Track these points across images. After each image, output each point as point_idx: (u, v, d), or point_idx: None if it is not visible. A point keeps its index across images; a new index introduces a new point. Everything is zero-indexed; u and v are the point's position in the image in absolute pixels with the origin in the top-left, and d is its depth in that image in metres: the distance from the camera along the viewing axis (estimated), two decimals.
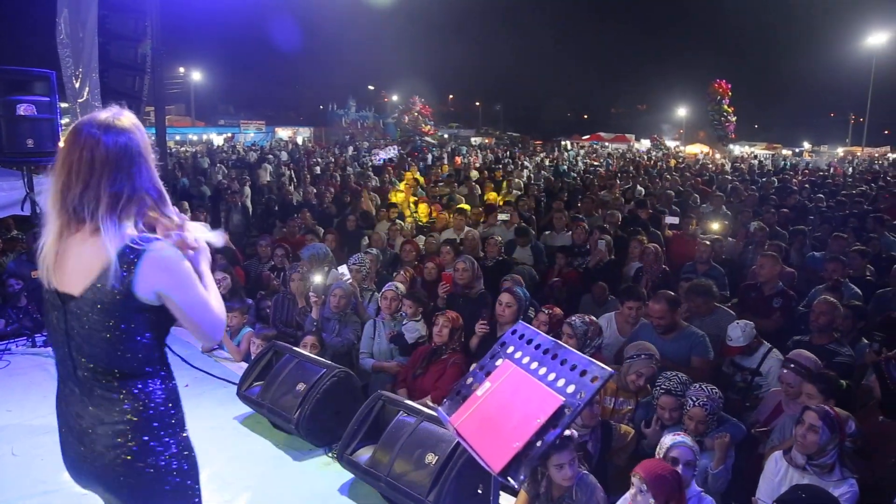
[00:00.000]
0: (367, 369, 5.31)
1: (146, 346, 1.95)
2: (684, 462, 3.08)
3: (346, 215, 10.24)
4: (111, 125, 1.91)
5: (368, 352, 5.36)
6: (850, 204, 12.26)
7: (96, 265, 1.84)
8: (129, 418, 1.94)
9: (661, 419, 3.95)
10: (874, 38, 42.14)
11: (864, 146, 49.77)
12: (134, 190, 1.91)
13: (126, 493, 1.97)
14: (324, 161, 24.06)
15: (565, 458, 2.92)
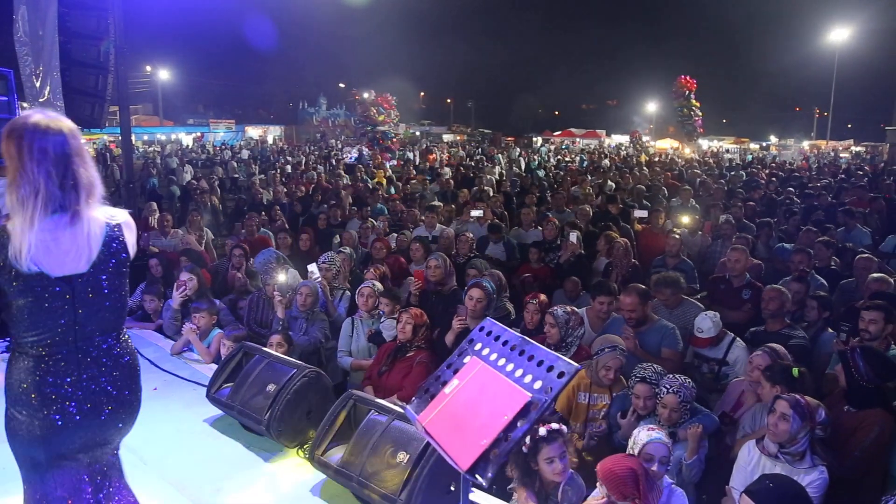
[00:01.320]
0: (345, 367, 5.28)
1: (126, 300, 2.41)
2: (658, 459, 3.10)
3: (317, 214, 10.16)
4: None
5: (347, 350, 5.34)
6: (816, 196, 12.50)
7: (95, 242, 2.21)
8: (129, 362, 2.40)
9: (636, 409, 4.00)
10: (836, 34, 42.96)
11: (828, 140, 50.80)
12: (92, 176, 2.25)
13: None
14: (294, 159, 23.85)
15: (555, 451, 2.93)
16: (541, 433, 2.91)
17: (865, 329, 4.55)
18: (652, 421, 3.89)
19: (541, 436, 2.92)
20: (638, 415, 3.96)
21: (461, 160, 24.83)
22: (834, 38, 43.21)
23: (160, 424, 4.16)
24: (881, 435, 3.76)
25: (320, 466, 3.53)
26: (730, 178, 17.71)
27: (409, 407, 2.14)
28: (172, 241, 8.53)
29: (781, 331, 4.99)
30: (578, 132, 56.53)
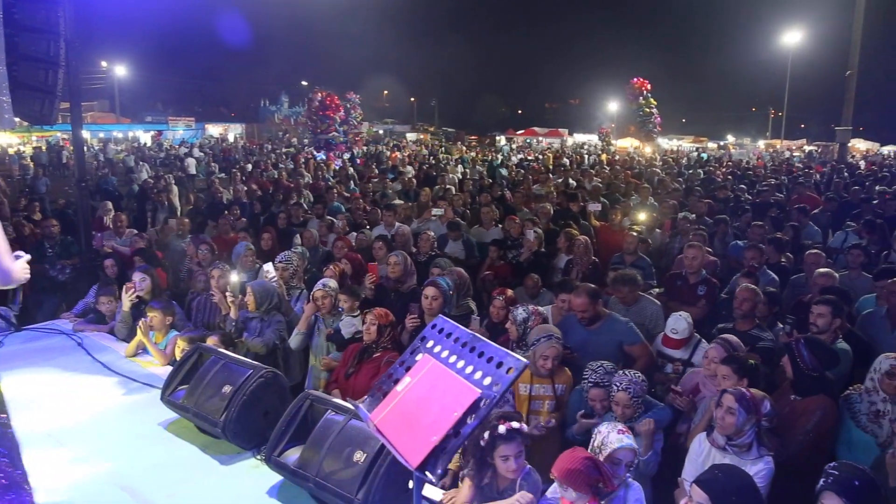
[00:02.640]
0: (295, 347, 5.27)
1: None
2: (626, 464, 3.15)
3: (277, 213, 10.06)
4: None
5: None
6: (769, 194, 12.82)
7: None
8: None
9: (595, 411, 4.06)
10: (789, 37, 44.10)
11: (782, 139, 52.17)
12: None
13: None
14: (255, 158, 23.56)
15: (512, 450, 2.94)
16: (500, 431, 2.92)
17: (814, 322, 4.69)
18: (611, 417, 3.97)
19: (499, 433, 2.93)
20: (599, 416, 4.03)
21: (424, 159, 24.80)
22: (787, 41, 44.36)
23: (112, 429, 4.08)
24: (823, 419, 3.90)
25: (277, 468, 3.49)
26: (688, 176, 18.05)
27: (362, 405, 2.13)
28: (127, 241, 8.36)
29: (751, 331, 5.06)
30: (541, 131, 56.99)
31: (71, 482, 3.46)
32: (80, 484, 3.45)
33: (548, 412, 4.25)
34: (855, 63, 25.73)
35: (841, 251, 8.00)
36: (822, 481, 2.68)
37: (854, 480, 2.61)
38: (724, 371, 3.91)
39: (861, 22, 25.21)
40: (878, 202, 11.18)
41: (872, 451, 3.79)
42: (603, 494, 2.79)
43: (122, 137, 43.10)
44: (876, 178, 18.04)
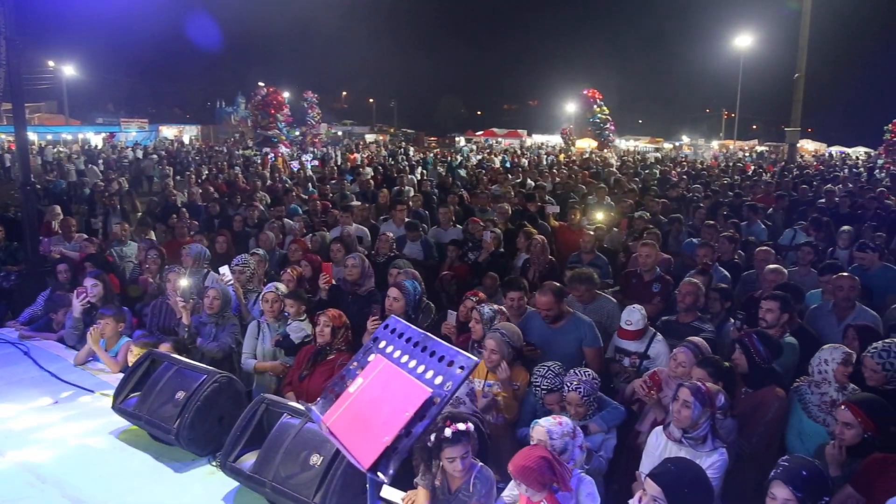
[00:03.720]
0: (248, 370, 5.16)
1: None
2: (553, 444, 3.14)
3: (233, 216, 9.90)
4: None
5: (251, 353, 5.22)
6: (722, 193, 13.13)
7: None
8: None
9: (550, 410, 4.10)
10: (741, 41, 45.26)
11: (735, 140, 53.49)
12: None
13: None
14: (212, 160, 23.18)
15: (457, 452, 2.93)
16: (446, 434, 2.91)
17: (763, 318, 4.82)
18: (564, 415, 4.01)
19: (445, 436, 2.92)
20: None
21: (384, 160, 24.72)
22: (739, 45, 45.51)
23: (61, 439, 3.97)
24: (780, 409, 4.05)
25: (232, 473, 3.43)
26: (644, 176, 18.36)
27: (315, 408, 2.11)
28: (77, 246, 8.13)
29: (692, 323, 5.20)
30: (500, 132, 57.35)
31: (18, 495, 3.35)
32: (28, 497, 3.34)
33: (499, 409, 4.27)
34: (802, 66, 26.52)
35: (790, 248, 8.23)
36: (773, 472, 2.76)
37: (802, 471, 2.70)
38: (699, 374, 3.95)
39: (808, 26, 26.03)
40: (824, 200, 11.54)
41: (823, 439, 3.90)
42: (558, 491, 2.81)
43: (72, 139, 41.84)
44: (824, 177, 18.65)
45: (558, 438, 3.12)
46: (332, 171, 17.80)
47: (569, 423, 3.08)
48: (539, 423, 3.06)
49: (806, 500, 2.63)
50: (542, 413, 4.21)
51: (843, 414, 3.44)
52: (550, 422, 3.05)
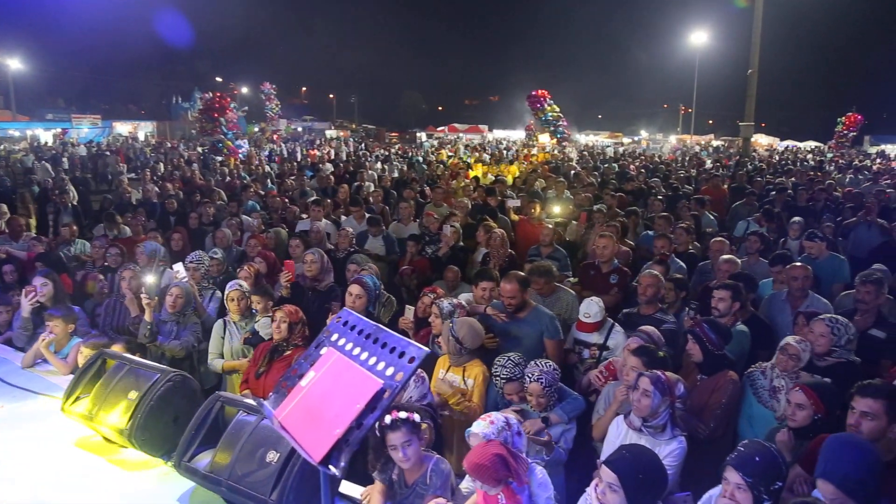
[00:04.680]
0: (216, 370, 5.08)
1: None
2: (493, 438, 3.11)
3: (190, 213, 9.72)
4: None
5: (218, 352, 5.15)
6: (680, 186, 13.37)
7: None
8: None
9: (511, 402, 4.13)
10: (696, 37, 46.09)
11: (692, 134, 54.52)
12: None
13: None
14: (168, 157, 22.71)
15: (398, 439, 2.92)
16: (385, 420, 2.92)
17: (715, 307, 4.92)
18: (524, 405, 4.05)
19: (384, 423, 2.92)
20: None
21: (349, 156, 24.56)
22: (694, 41, 46.33)
23: (9, 443, 3.85)
24: (734, 393, 4.18)
25: (187, 473, 3.37)
26: (603, 170, 18.59)
27: (267, 403, 2.09)
28: (25, 245, 7.89)
29: (654, 315, 5.27)
30: (462, 127, 57.39)
31: None
32: None
33: (456, 402, 4.28)
34: (755, 62, 27.10)
35: (743, 239, 8.42)
36: (729, 457, 2.82)
37: (755, 457, 2.75)
38: (633, 362, 4.04)
39: (760, 23, 26.60)
40: (775, 192, 11.86)
41: (771, 425, 4.04)
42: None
43: (20, 136, 40.44)
44: (776, 170, 19.14)
45: (496, 437, 3.12)
46: (292, 167, 17.59)
47: (499, 417, 3.06)
48: (472, 432, 3.04)
49: (757, 485, 2.68)
50: (503, 405, 4.24)
51: (797, 395, 3.55)
52: (482, 425, 3.02)
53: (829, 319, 4.36)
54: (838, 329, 4.29)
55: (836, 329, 4.28)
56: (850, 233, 8.97)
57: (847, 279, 6.46)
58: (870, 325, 5.11)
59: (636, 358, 4.04)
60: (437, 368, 4.44)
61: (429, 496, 2.92)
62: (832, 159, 29.57)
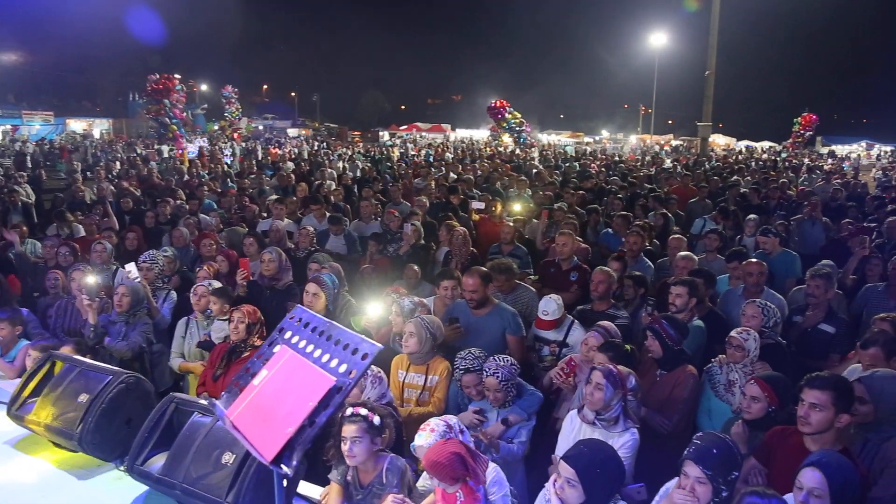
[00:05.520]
0: (174, 369, 5.00)
1: None
2: (441, 434, 3.09)
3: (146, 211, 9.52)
4: None
5: (179, 352, 5.06)
6: (639, 185, 13.56)
7: None
8: None
9: (469, 397, 4.12)
10: (655, 39, 46.87)
11: (652, 134, 55.43)
12: None
13: None
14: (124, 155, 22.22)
15: (349, 433, 2.92)
16: (346, 411, 2.92)
17: (673, 302, 5.00)
18: (482, 403, 4.06)
19: (343, 413, 2.92)
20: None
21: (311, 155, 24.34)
22: (654, 43, 47.10)
23: None
24: (694, 387, 4.27)
25: (140, 477, 3.28)
26: (565, 169, 18.77)
27: (219, 402, 2.04)
28: None
29: (607, 311, 5.35)
30: (424, 126, 57.38)
31: None
32: None
33: (416, 402, 4.26)
34: (712, 64, 27.67)
35: (700, 237, 8.58)
36: (686, 450, 2.86)
37: (713, 449, 2.80)
38: (601, 358, 4.07)
39: (717, 26, 27.16)
40: (728, 189, 12.14)
41: (728, 417, 4.12)
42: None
43: None
44: (732, 169, 19.56)
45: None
46: (251, 165, 17.35)
47: (438, 423, 3.06)
48: (417, 445, 3.02)
49: (716, 476, 2.73)
50: (463, 402, 4.24)
51: (752, 388, 3.64)
52: (424, 437, 3.02)
53: (760, 302, 4.75)
54: (767, 311, 4.67)
55: (765, 310, 4.67)
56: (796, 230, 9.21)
57: (799, 274, 6.63)
58: (820, 320, 5.25)
59: (603, 354, 4.07)
60: (393, 369, 4.38)
61: (385, 495, 2.90)
62: (786, 159, 30.34)
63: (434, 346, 4.36)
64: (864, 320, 5.71)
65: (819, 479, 2.57)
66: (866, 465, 3.31)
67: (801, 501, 2.59)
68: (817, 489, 2.56)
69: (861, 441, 3.44)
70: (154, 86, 22.55)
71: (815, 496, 2.56)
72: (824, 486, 2.55)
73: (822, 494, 2.55)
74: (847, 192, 13.49)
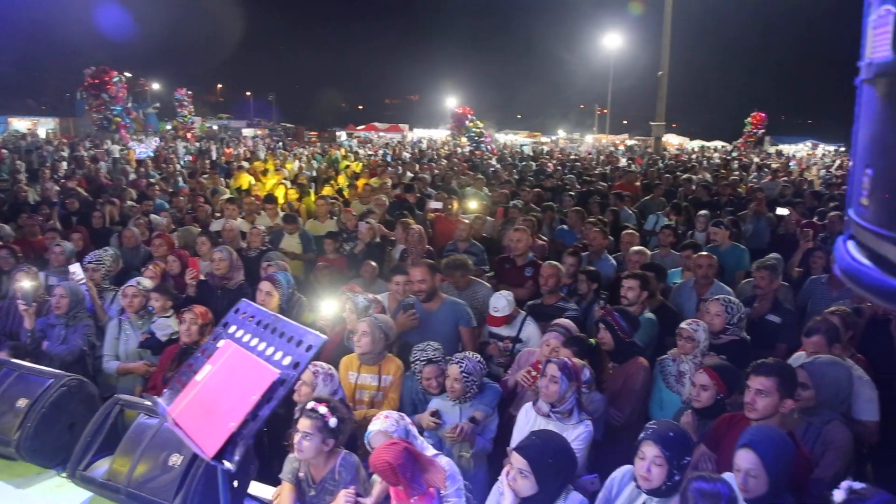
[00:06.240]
0: (111, 372, 4.84)
1: None
2: (394, 433, 3.10)
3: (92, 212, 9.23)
4: None
5: (113, 354, 4.89)
6: (594, 183, 13.75)
7: None
8: None
9: (428, 389, 4.10)
10: (610, 40, 47.57)
11: (608, 134, 56.26)
12: None
13: None
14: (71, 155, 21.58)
15: (303, 425, 2.88)
16: (307, 405, 2.88)
17: (625, 296, 5.07)
18: (443, 397, 4.04)
19: (304, 405, 2.89)
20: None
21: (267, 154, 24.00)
22: (609, 44, 47.79)
23: None
24: (646, 378, 4.33)
25: (83, 483, 3.18)
26: (521, 167, 18.92)
27: (161, 400, 1.98)
28: None
29: (557, 304, 5.39)
30: (382, 126, 57.20)
31: None
32: None
33: (369, 403, 4.22)
34: (665, 65, 28.18)
35: (653, 233, 8.73)
36: (642, 434, 2.91)
37: (669, 432, 2.88)
38: (566, 353, 4.08)
39: (669, 27, 27.68)
40: (682, 189, 12.40)
41: (679, 407, 4.19)
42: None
43: None
44: (685, 167, 19.98)
45: (396, 429, 3.09)
46: (205, 165, 17.03)
47: (391, 412, 3.06)
48: (373, 430, 3.01)
49: (673, 458, 2.78)
50: (420, 401, 4.22)
51: (700, 377, 3.71)
52: (379, 423, 3.00)
53: (723, 300, 4.60)
54: (731, 308, 4.55)
55: (729, 308, 4.54)
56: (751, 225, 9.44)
57: (748, 267, 6.79)
58: (767, 311, 5.39)
59: (568, 349, 4.09)
60: (343, 370, 4.32)
61: (338, 491, 2.86)
62: (736, 157, 31.11)
63: (386, 346, 4.31)
64: (809, 311, 5.89)
65: (752, 459, 2.65)
66: (809, 448, 3.41)
67: (740, 483, 2.66)
68: (752, 469, 2.65)
69: (804, 425, 3.54)
70: (90, 80, 21.93)
71: (752, 476, 2.65)
72: (758, 464, 2.64)
73: (757, 474, 2.64)
74: (793, 189, 13.90)
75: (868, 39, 1.02)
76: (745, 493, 2.65)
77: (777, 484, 2.65)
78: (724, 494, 2.50)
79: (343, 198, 10.82)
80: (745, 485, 2.66)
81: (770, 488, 2.64)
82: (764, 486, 2.63)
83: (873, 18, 1.00)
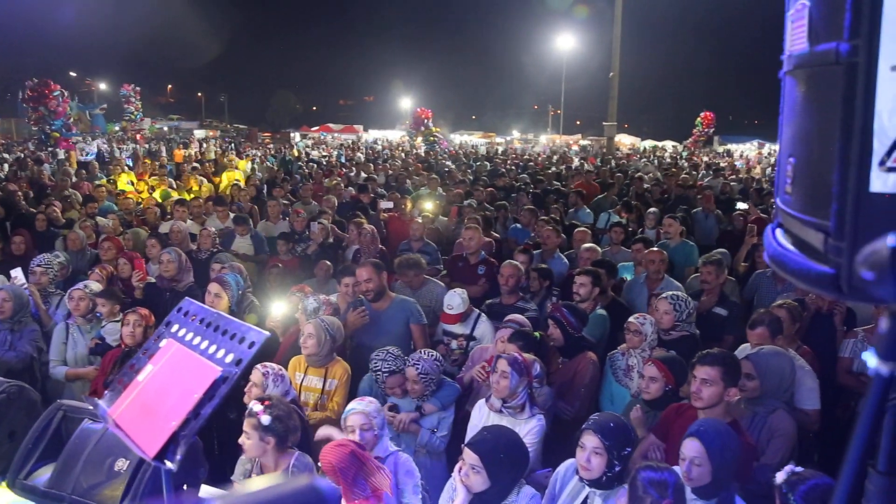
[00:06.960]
0: (59, 378, 4.70)
1: None
2: (359, 427, 3.14)
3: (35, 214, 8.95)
4: None
5: (60, 359, 4.74)
6: (548, 182, 13.91)
7: None
8: None
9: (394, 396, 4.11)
10: (563, 41, 48.22)
11: (561, 134, 56.97)
12: None
13: None
14: (12, 156, 20.86)
15: (245, 426, 2.86)
16: (253, 406, 2.87)
17: (577, 292, 5.14)
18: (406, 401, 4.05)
19: (251, 408, 2.87)
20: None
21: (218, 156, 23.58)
22: (561, 45, 48.42)
23: None
24: (595, 373, 4.40)
25: (24, 492, 3.07)
26: (476, 167, 19.03)
27: (101, 402, 1.94)
28: None
29: (516, 304, 5.42)
30: (336, 127, 56.77)
31: None
32: None
33: (314, 406, 4.19)
34: (616, 66, 28.67)
35: (605, 230, 8.88)
36: (584, 425, 2.97)
37: (610, 423, 2.93)
38: (512, 348, 4.12)
39: (620, 29, 28.17)
40: (633, 187, 12.64)
41: (628, 401, 4.27)
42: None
43: None
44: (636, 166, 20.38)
45: (374, 413, 3.13)
46: (154, 167, 16.65)
47: (370, 398, 3.08)
48: (353, 409, 3.04)
49: (612, 448, 2.83)
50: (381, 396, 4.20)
51: (649, 369, 3.78)
52: (363, 404, 3.02)
53: (671, 297, 4.62)
54: (679, 305, 4.56)
55: (677, 305, 4.55)
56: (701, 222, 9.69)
57: (696, 263, 6.93)
58: (714, 305, 5.53)
59: (513, 344, 4.13)
60: (290, 371, 4.27)
61: None
62: (687, 157, 31.83)
63: (333, 348, 4.28)
64: (756, 304, 6.06)
65: (697, 448, 2.73)
66: (755, 437, 3.52)
67: (685, 471, 2.73)
68: (697, 458, 2.72)
69: (750, 415, 3.64)
70: (31, 92, 21.30)
71: (696, 465, 2.72)
72: (703, 453, 2.71)
73: (702, 462, 2.71)
74: (740, 187, 14.29)
75: (788, 33, 1.05)
76: (690, 482, 2.73)
77: (721, 472, 2.73)
78: (671, 483, 2.56)
79: (296, 199, 10.71)
80: (689, 473, 2.73)
81: (713, 477, 2.71)
82: (708, 475, 2.71)
83: (791, 13, 1.04)
